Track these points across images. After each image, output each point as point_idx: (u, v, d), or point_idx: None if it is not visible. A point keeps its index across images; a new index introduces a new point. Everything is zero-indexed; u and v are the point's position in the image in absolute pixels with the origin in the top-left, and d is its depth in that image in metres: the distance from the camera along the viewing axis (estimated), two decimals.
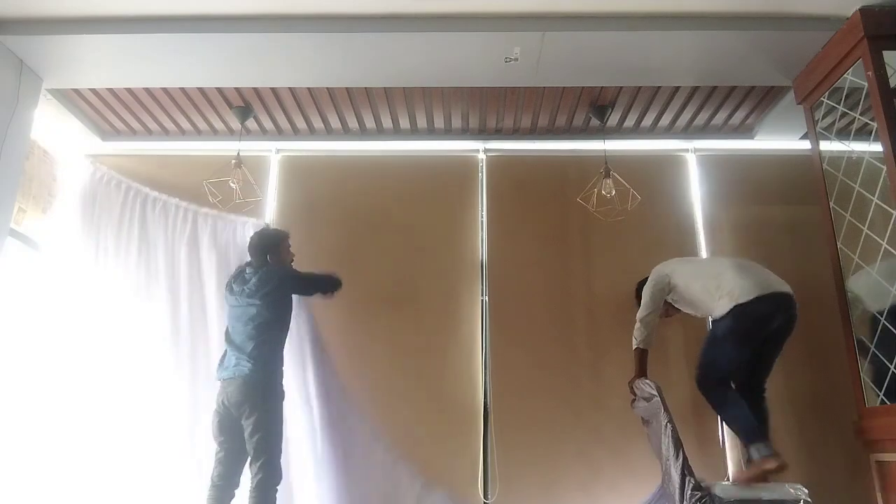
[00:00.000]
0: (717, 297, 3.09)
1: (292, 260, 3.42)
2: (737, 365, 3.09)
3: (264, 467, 2.87)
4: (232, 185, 3.83)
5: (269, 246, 3.32)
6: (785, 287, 3.08)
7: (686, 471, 2.81)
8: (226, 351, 3.14)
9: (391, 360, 3.76)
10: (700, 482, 2.82)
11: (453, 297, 3.94)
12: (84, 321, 3.68)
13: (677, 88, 3.66)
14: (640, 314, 3.32)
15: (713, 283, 3.16)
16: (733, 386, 3.10)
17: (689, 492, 2.76)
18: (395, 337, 3.81)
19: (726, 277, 3.12)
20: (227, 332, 3.18)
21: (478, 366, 3.82)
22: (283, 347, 3.18)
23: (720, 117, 4.00)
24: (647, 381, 3.17)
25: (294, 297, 3.32)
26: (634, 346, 3.29)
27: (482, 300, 3.94)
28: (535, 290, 3.94)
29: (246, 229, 3.79)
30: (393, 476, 3.50)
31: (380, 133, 4.18)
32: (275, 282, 3.18)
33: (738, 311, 2.99)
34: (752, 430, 2.93)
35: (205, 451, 3.39)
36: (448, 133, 4.17)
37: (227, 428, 2.99)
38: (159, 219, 3.88)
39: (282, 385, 3.10)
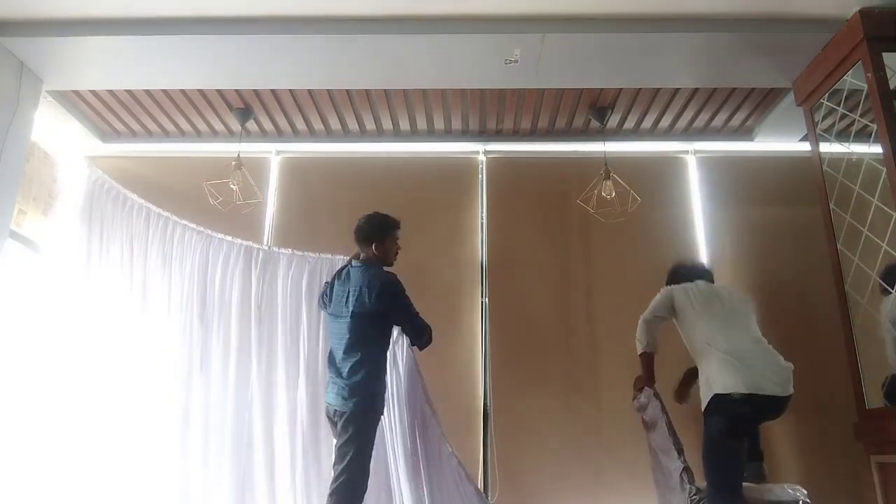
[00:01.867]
0: (704, 369, 2.82)
1: (397, 252, 3.13)
2: (740, 457, 2.74)
3: (344, 484, 2.71)
4: (232, 186, 3.83)
5: (378, 231, 3.05)
6: (779, 388, 2.68)
7: (686, 473, 2.80)
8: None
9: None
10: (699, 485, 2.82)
11: (453, 298, 3.94)
12: (84, 323, 3.67)
13: (677, 90, 3.67)
14: (644, 314, 3.05)
15: (703, 348, 2.86)
16: None
17: (689, 493, 2.75)
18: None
19: (712, 362, 2.78)
20: (330, 351, 2.99)
21: (478, 367, 3.82)
22: (384, 361, 2.97)
23: (720, 119, 4.00)
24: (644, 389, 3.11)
25: None
26: (639, 351, 3.02)
27: (482, 301, 3.94)
28: (536, 291, 3.94)
29: (238, 251, 3.68)
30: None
31: (380, 135, 4.18)
32: (385, 302, 2.88)
33: (720, 406, 2.69)
34: None
35: (197, 454, 3.44)
36: (448, 135, 4.18)
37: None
38: (153, 231, 3.81)
39: (381, 406, 2.90)
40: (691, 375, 3.04)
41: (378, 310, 2.88)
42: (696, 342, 2.90)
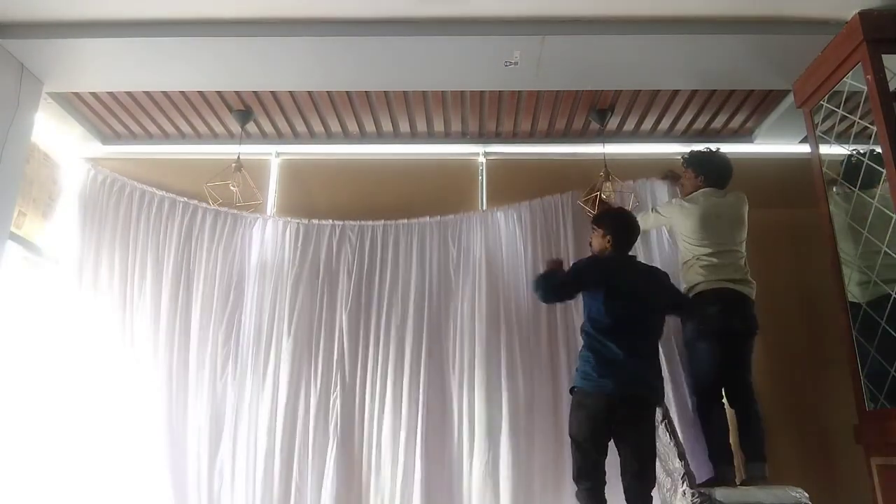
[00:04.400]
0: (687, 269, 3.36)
1: None
2: (716, 363, 3.13)
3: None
4: (232, 188, 3.84)
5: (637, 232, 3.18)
6: (741, 287, 3.21)
7: (687, 476, 2.80)
8: (609, 359, 2.80)
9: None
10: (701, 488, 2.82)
11: None
12: (84, 326, 3.68)
13: (676, 92, 3.67)
14: (646, 222, 3.53)
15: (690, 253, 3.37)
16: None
17: (690, 496, 2.75)
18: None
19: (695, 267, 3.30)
20: (613, 333, 2.84)
21: None
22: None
23: (719, 121, 4.00)
24: None
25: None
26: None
27: None
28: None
29: (249, 226, 3.83)
30: None
31: (380, 137, 4.18)
32: (673, 297, 3.10)
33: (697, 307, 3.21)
34: (720, 454, 3.05)
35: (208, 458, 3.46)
36: (448, 136, 4.18)
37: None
38: (164, 217, 3.86)
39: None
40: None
41: (669, 300, 3.07)
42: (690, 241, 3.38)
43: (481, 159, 4.21)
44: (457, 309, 3.66)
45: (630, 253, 3.12)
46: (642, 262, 3.30)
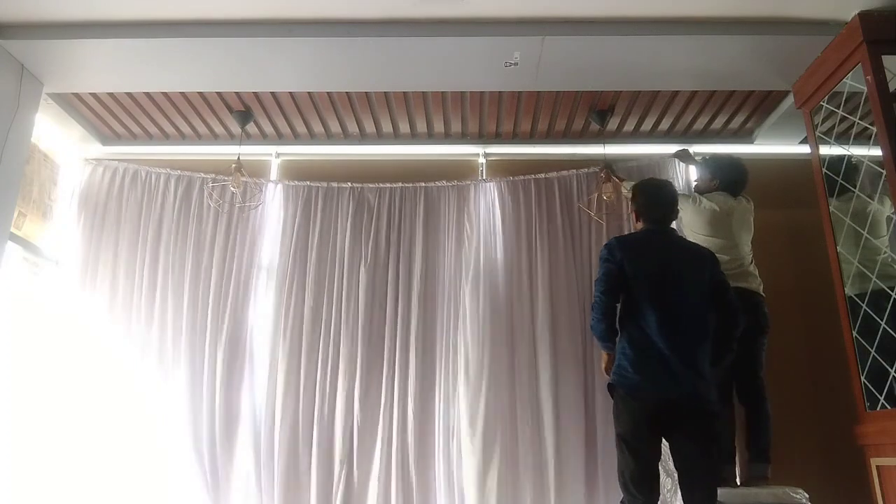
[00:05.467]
0: None
1: None
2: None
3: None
4: (232, 189, 3.84)
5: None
6: (747, 283, 3.18)
7: None
8: (647, 354, 2.45)
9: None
10: None
11: None
12: (84, 326, 3.68)
13: (676, 93, 3.67)
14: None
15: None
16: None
17: None
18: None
19: None
20: (649, 322, 2.45)
21: None
22: None
23: (719, 121, 4.00)
24: None
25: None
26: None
27: None
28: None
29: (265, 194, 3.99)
30: None
31: (380, 137, 4.18)
32: (716, 287, 2.62)
33: None
34: (722, 455, 3.04)
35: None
36: (448, 137, 4.17)
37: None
38: (178, 202, 3.96)
39: None
40: None
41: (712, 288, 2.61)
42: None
43: (481, 160, 4.21)
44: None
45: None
46: (686, 239, 3.03)
